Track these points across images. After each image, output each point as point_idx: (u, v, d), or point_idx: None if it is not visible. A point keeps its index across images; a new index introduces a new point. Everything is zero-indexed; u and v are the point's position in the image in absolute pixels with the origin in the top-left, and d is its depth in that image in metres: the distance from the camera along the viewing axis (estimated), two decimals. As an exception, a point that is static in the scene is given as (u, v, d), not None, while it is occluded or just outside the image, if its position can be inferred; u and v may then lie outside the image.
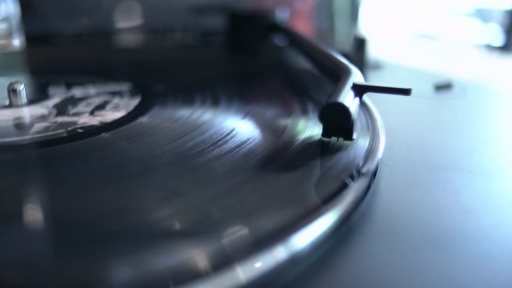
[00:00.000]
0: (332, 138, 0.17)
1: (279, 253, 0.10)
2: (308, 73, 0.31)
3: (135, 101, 0.23)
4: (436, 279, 0.11)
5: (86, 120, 0.20)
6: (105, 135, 0.18)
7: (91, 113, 0.21)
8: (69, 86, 0.26)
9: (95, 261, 0.10)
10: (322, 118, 0.17)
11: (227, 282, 0.09)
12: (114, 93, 0.24)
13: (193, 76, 0.30)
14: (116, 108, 0.22)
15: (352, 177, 0.14)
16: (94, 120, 0.20)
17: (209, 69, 0.34)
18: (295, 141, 0.17)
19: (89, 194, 0.13)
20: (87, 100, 0.23)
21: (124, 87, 0.26)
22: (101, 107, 0.22)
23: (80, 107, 0.22)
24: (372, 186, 0.15)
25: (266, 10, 0.41)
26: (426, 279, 0.11)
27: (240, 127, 0.19)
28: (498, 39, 0.60)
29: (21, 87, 0.22)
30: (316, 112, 0.20)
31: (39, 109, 0.22)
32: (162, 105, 0.22)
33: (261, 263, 0.10)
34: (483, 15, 0.71)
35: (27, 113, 0.21)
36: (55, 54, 0.39)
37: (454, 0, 0.78)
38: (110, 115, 0.21)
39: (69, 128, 0.19)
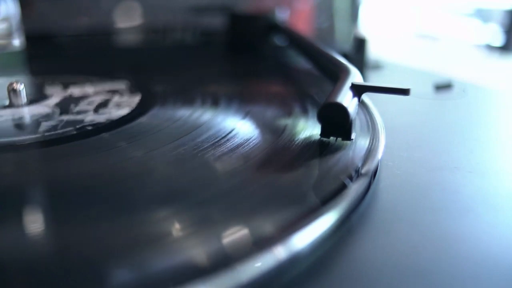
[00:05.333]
0: (331, 138, 0.17)
1: (279, 253, 0.10)
2: (308, 73, 0.31)
3: (136, 99, 0.23)
4: (436, 279, 0.11)
5: (92, 118, 0.20)
6: (104, 135, 0.18)
7: (95, 111, 0.21)
8: (67, 85, 0.26)
9: (94, 262, 0.10)
10: (321, 118, 0.17)
11: (227, 282, 0.09)
12: (113, 92, 0.24)
13: (193, 76, 0.30)
14: (119, 106, 0.22)
15: (352, 177, 0.14)
16: (101, 118, 0.20)
17: (209, 69, 0.34)
18: (295, 141, 0.17)
19: (88, 194, 0.13)
20: (87, 99, 0.23)
21: (122, 85, 0.26)
22: (103, 105, 0.22)
23: (83, 106, 0.22)
24: (372, 186, 0.15)
25: (266, 10, 0.41)
26: (426, 279, 0.11)
27: (240, 127, 0.19)
28: (498, 39, 0.60)
29: (21, 87, 0.22)
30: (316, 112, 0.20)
31: (41, 108, 0.22)
32: (162, 105, 0.22)
33: (261, 263, 0.10)
34: (483, 15, 0.71)
35: (28, 112, 0.21)
36: (55, 54, 0.39)
37: (454, 0, 0.78)
38: (115, 112, 0.21)
39: (78, 126, 0.19)
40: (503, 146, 0.20)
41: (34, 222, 0.12)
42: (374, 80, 0.31)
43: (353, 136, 0.17)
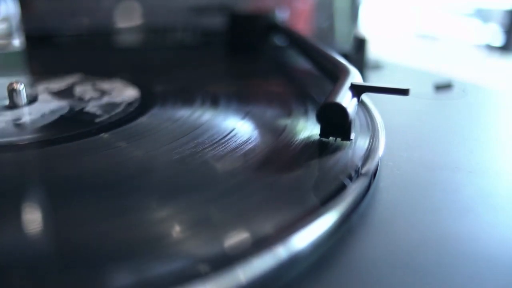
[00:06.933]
0: (330, 138, 0.17)
1: (279, 253, 0.10)
2: (308, 73, 0.31)
3: (132, 92, 0.24)
4: (436, 279, 0.11)
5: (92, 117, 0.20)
6: (104, 135, 0.18)
7: (93, 110, 0.21)
8: (67, 85, 0.26)
9: (94, 263, 0.10)
10: (320, 118, 0.17)
11: (227, 282, 0.09)
12: (109, 90, 0.24)
13: (193, 76, 0.30)
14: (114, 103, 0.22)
15: (352, 177, 0.14)
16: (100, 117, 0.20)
17: (209, 69, 0.34)
18: (295, 141, 0.17)
19: (88, 194, 0.13)
20: (86, 98, 0.23)
21: (118, 83, 0.26)
22: (100, 103, 0.22)
23: (81, 105, 0.22)
24: (372, 186, 0.15)
25: (266, 10, 0.41)
26: (426, 279, 0.11)
27: (240, 128, 0.19)
28: (498, 39, 0.60)
29: (21, 87, 0.22)
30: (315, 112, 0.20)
31: (41, 109, 0.22)
32: (162, 105, 0.22)
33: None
34: (483, 15, 0.71)
35: (28, 112, 0.21)
36: (55, 54, 0.39)
37: (454, 0, 0.78)
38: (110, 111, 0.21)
39: (77, 125, 0.19)
40: (503, 146, 0.20)
41: (34, 222, 0.12)
42: (374, 80, 0.31)
43: (352, 136, 0.17)
